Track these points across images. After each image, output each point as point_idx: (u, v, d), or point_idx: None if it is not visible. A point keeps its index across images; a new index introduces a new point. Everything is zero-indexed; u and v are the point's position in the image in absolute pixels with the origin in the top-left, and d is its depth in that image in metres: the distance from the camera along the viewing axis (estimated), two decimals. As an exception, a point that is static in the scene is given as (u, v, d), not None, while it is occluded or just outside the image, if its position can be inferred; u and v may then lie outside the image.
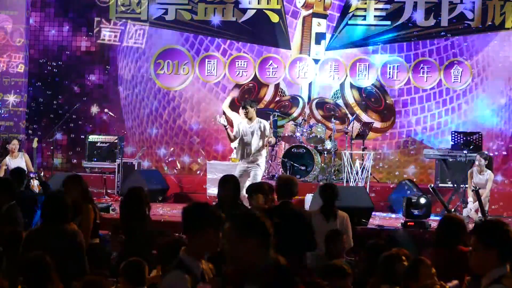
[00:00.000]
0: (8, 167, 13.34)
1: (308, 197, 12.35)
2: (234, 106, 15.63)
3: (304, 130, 14.56)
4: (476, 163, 12.23)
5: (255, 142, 11.28)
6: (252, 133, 11.28)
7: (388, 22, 15.44)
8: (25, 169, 13.29)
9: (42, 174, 13.67)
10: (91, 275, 5.38)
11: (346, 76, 15.61)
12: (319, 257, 7.24)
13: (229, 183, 7.52)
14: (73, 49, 16.23)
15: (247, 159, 11.27)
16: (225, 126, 11.24)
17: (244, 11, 15.76)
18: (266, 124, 11.51)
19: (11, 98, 15.71)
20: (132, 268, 5.38)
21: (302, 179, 14.11)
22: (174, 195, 14.15)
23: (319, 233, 7.24)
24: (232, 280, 3.84)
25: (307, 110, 15.67)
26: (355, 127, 14.87)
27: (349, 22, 15.57)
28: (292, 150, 14.17)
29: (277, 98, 15.88)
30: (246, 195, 7.65)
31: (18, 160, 13.35)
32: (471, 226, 10.78)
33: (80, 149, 15.79)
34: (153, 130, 16.12)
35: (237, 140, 11.45)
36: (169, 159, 15.89)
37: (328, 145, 14.55)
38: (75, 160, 16.08)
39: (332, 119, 14.77)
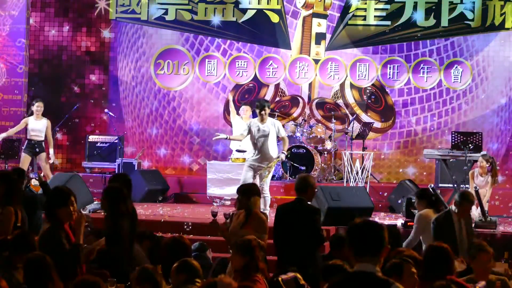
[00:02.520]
0: (29, 127, 13.23)
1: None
2: (234, 106, 15.62)
3: (304, 130, 14.58)
4: (478, 164, 12.21)
5: (272, 144, 10.92)
6: (267, 135, 10.87)
7: (388, 22, 15.45)
8: (45, 134, 13.22)
9: (42, 174, 13.67)
10: (87, 275, 5.35)
11: (346, 76, 15.61)
12: None
13: (117, 181, 7.60)
14: (73, 49, 16.24)
15: (262, 161, 10.89)
16: (226, 138, 11.16)
17: (244, 11, 15.76)
18: (279, 124, 11.20)
19: (11, 98, 15.70)
20: (146, 277, 5.26)
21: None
22: (174, 195, 14.16)
23: None
24: None
25: (307, 110, 15.67)
26: (355, 127, 14.87)
27: (349, 22, 15.57)
28: (292, 150, 14.17)
29: (277, 98, 15.88)
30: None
31: (42, 122, 13.28)
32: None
33: (80, 149, 15.79)
34: (153, 130, 16.12)
35: (242, 141, 11.38)
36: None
37: (328, 145, 14.57)
38: (76, 159, 16.09)
39: (332, 119, 14.79)
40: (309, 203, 7.76)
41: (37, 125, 13.25)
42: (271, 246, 7.88)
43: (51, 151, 13.38)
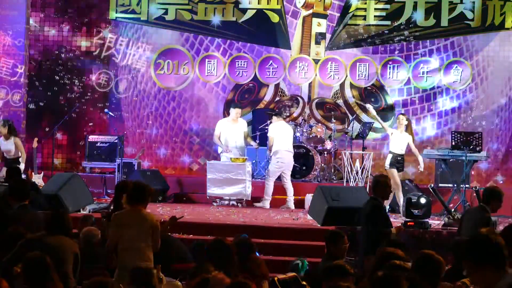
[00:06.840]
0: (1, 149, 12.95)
1: (308, 197, 12.36)
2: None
3: (304, 130, 14.57)
4: (399, 122, 12.53)
5: None
6: None
7: (388, 22, 15.45)
8: (18, 154, 12.93)
9: (41, 174, 13.67)
10: (98, 276, 5.33)
11: (346, 76, 15.61)
12: None
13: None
14: (73, 49, 16.23)
15: None
16: None
17: (244, 11, 15.76)
18: None
19: (11, 98, 15.69)
20: (140, 276, 5.27)
21: (302, 179, 14.13)
22: (174, 195, 14.15)
23: None
24: None
25: (307, 110, 15.67)
26: (355, 127, 14.87)
27: (349, 22, 15.57)
28: (292, 150, 14.16)
29: (277, 98, 15.88)
30: None
31: (10, 141, 12.91)
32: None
33: (80, 149, 15.78)
34: (153, 130, 16.12)
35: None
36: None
37: (328, 145, 14.56)
38: (76, 159, 16.09)
39: (332, 119, 14.78)
40: (378, 200, 8.53)
41: (6, 146, 12.80)
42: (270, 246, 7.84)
43: (22, 166, 12.55)
